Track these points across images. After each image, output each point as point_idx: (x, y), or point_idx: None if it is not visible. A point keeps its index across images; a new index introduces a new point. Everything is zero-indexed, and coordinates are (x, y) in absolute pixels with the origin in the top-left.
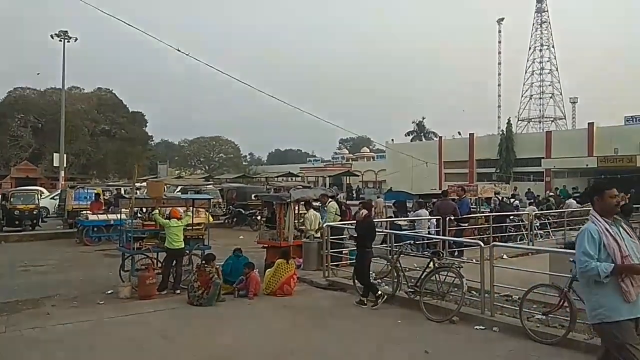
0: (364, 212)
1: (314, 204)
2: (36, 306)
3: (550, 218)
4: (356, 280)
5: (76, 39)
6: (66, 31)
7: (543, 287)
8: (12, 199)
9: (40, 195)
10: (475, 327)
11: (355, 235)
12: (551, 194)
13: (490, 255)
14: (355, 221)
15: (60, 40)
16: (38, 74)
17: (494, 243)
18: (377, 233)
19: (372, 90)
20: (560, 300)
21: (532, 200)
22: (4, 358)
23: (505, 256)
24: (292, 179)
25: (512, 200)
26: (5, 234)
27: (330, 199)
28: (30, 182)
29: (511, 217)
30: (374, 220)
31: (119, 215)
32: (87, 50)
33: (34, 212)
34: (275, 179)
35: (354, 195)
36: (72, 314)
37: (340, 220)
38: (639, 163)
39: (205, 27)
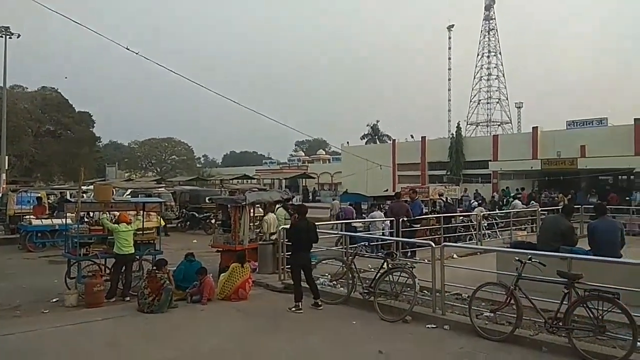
0: (295, 216)
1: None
2: None
3: (497, 218)
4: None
5: (18, 36)
6: (8, 27)
7: (491, 285)
8: None
9: None
10: (427, 326)
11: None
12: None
13: (441, 255)
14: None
15: (1, 37)
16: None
17: (445, 243)
18: (333, 235)
19: (328, 92)
20: (507, 298)
21: (480, 201)
22: None
23: (455, 256)
24: (247, 182)
25: (470, 201)
26: None
27: (278, 205)
28: None
29: (461, 218)
30: (332, 222)
31: (64, 220)
32: (31, 47)
33: None
34: (231, 181)
35: (310, 198)
36: (15, 324)
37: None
38: (580, 165)
39: (157, 25)
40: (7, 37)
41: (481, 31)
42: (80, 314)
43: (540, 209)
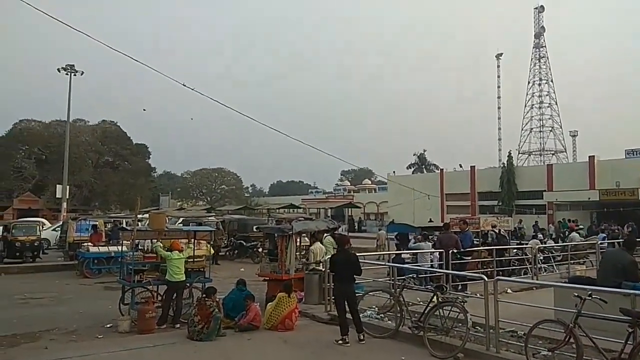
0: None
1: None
2: (34, 340)
3: (554, 252)
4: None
5: (82, 73)
6: (73, 65)
7: (548, 322)
8: (13, 231)
9: (42, 227)
10: None
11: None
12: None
13: (495, 289)
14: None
15: (67, 74)
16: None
17: (498, 277)
18: (380, 266)
19: (374, 122)
20: (566, 336)
21: (538, 234)
22: None
23: (509, 290)
24: (293, 211)
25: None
26: (5, 266)
27: (326, 234)
28: (33, 213)
29: (515, 251)
30: (376, 253)
31: (120, 248)
32: (92, 83)
33: (35, 244)
34: (277, 210)
35: (356, 227)
36: (70, 349)
37: None
38: None
39: (208, 59)
40: (72, 74)
41: (531, 59)
42: (132, 340)
43: (599, 242)
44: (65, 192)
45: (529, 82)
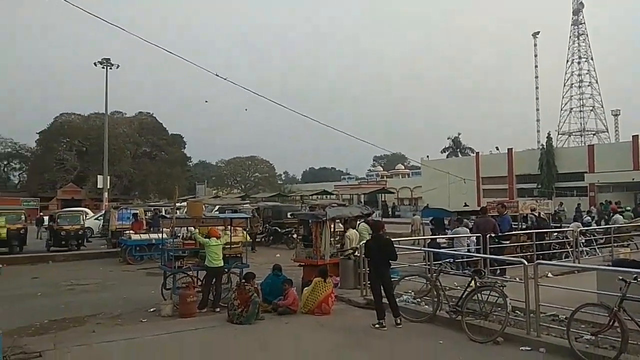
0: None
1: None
2: (82, 324)
3: (596, 234)
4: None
5: (118, 66)
6: (109, 59)
7: (591, 306)
8: (58, 220)
9: (85, 216)
10: (520, 349)
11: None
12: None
13: (535, 273)
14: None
15: (103, 68)
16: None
17: (539, 261)
18: (415, 251)
19: (406, 106)
20: (610, 320)
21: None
22: None
23: (550, 274)
24: (327, 197)
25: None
26: (52, 254)
27: (360, 221)
28: (76, 203)
29: (555, 234)
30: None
31: (160, 235)
32: (127, 75)
33: (80, 233)
34: (310, 197)
35: (390, 213)
36: (116, 332)
37: None
38: None
39: (239, 47)
40: (108, 67)
41: (570, 37)
42: (175, 324)
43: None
44: (106, 182)
45: (567, 61)
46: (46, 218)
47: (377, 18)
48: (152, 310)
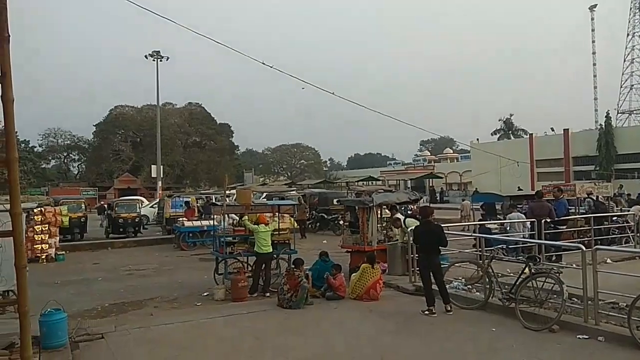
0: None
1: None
2: (140, 307)
3: None
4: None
5: (167, 58)
6: (159, 51)
7: None
8: (116, 208)
9: (141, 204)
10: (577, 337)
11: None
12: None
13: (593, 259)
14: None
15: (154, 60)
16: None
17: (597, 247)
18: (465, 237)
19: (454, 87)
20: None
21: None
22: (115, 354)
23: (609, 260)
24: (372, 183)
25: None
26: (111, 241)
27: (404, 217)
28: (132, 192)
29: (614, 218)
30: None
31: (212, 222)
32: (177, 67)
33: (136, 220)
34: (356, 183)
35: (438, 198)
36: (173, 315)
37: None
38: None
39: (286, 35)
40: (159, 60)
41: (630, 9)
42: (228, 307)
43: None
44: (160, 171)
45: (627, 35)
46: (105, 206)
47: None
48: (205, 294)
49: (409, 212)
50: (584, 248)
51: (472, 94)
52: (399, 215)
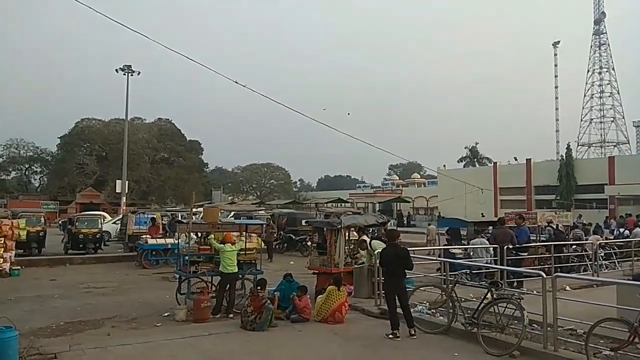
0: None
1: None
2: (97, 326)
3: (616, 248)
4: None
5: (139, 73)
6: (130, 65)
7: (611, 321)
8: (77, 223)
9: (103, 220)
10: None
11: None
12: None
13: (553, 286)
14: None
15: (124, 74)
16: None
17: (557, 274)
18: (430, 261)
19: (423, 114)
20: (631, 336)
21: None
22: None
23: (568, 288)
24: (341, 205)
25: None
26: (70, 257)
27: (370, 238)
28: (94, 207)
29: (574, 247)
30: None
31: (176, 240)
32: (148, 82)
33: (97, 236)
34: (325, 205)
35: (405, 222)
36: (131, 335)
37: None
38: None
39: (258, 56)
40: (129, 74)
41: (591, 46)
42: (189, 329)
43: None
44: (125, 187)
45: (588, 71)
46: (64, 222)
47: (395, 27)
48: (166, 314)
49: (375, 234)
50: (544, 275)
51: (440, 121)
52: (365, 238)
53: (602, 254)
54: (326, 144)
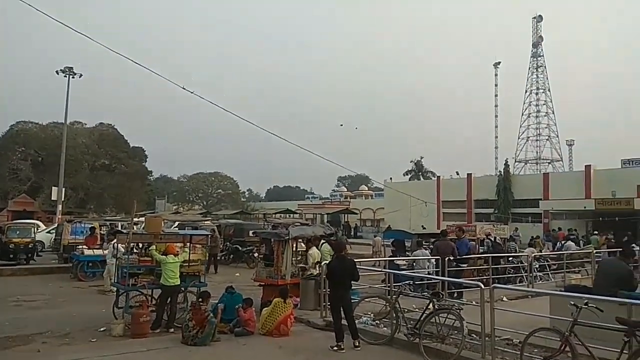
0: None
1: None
2: (27, 342)
3: (549, 260)
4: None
5: (80, 75)
6: (71, 67)
7: (544, 330)
8: (7, 232)
9: (37, 229)
10: None
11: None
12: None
13: (491, 297)
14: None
15: (65, 76)
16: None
17: (495, 285)
18: (375, 273)
19: (371, 128)
20: (562, 345)
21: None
22: None
23: (504, 298)
24: (290, 216)
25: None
26: None
27: (323, 241)
28: (28, 215)
29: (510, 259)
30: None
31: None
32: (90, 85)
33: (30, 246)
34: (274, 215)
35: (352, 233)
36: (63, 352)
37: None
38: (637, 206)
39: (208, 64)
40: (70, 76)
41: (529, 68)
42: (126, 344)
43: (595, 252)
44: (61, 194)
45: (526, 91)
46: None
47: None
48: (102, 329)
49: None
50: (482, 286)
51: (388, 134)
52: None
53: (537, 266)
54: (276, 155)
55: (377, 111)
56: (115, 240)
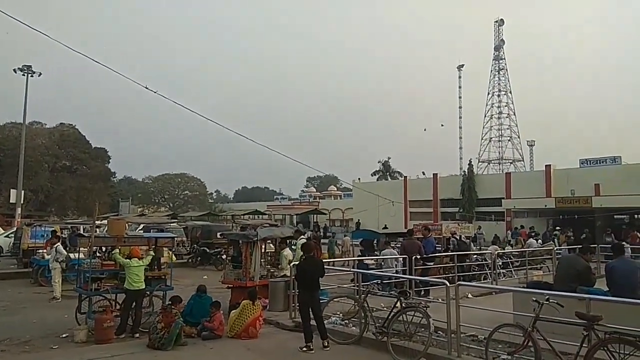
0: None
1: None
2: None
3: (512, 257)
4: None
5: (40, 74)
6: (30, 66)
7: (508, 326)
8: None
9: None
10: None
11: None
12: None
13: (456, 294)
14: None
15: (24, 75)
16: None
17: (460, 282)
18: (345, 272)
19: (339, 129)
20: (525, 340)
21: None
22: None
23: (470, 295)
24: (259, 217)
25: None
26: None
27: (301, 236)
28: None
29: (475, 257)
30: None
31: (76, 255)
32: (51, 84)
33: None
34: (242, 217)
35: (322, 234)
36: None
37: None
38: (595, 204)
39: (174, 62)
40: (29, 75)
41: (491, 71)
42: (88, 350)
43: (556, 249)
44: (20, 197)
45: (488, 93)
46: None
47: (312, 43)
48: (64, 335)
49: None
50: (447, 283)
51: (356, 136)
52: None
53: (500, 263)
54: (244, 156)
55: (345, 111)
56: (57, 244)
